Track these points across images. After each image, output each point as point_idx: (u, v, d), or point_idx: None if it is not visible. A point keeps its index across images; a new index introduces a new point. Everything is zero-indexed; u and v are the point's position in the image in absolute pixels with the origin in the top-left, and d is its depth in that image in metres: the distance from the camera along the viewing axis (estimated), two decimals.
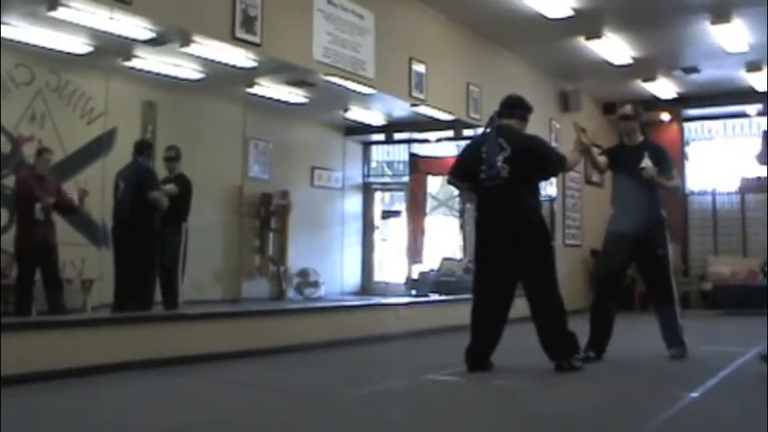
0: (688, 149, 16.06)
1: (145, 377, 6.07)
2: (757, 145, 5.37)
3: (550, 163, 6.62)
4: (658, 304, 7.27)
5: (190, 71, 9.53)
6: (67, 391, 5.44)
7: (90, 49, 8.55)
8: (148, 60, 9.24)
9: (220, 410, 4.91)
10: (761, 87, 13.83)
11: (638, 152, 7.10)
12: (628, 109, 7.36)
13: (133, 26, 7.46)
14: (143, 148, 8.64)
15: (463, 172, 6.66)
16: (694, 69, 13.33)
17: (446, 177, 6.99)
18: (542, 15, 10.34)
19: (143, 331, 6.70)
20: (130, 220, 8.25)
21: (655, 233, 7.09)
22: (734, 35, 11.22)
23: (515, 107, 6.68)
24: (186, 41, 8.10)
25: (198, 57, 8.70)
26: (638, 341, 8.10)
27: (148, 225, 8.33)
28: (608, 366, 6.78)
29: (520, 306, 6.47)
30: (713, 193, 15.87)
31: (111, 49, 8.72)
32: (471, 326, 6.45)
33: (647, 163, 7.02)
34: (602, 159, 7.27)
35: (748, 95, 14.26)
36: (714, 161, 15.93)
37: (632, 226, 6.94)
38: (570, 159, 6.80)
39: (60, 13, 7.17)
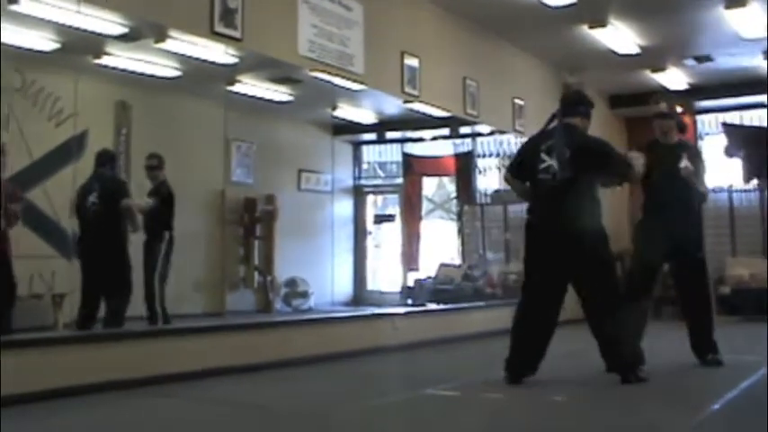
0: (702, 144, 16.05)
1: (122, 398, 6.04)
2: (721, 139, 5.44)
3: (614, 170, 6.64)
4: (695, 311, 7.27)
5: (166, 69, 9.52)
6: (43, 415, 5.41)
7: (57, 45, 8.53)
8: (121, 58, 9.22)
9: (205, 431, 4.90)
10: None
11: (677, 152, 7.10)
12: (663, 106, 7.32)
13: (103, 21, 7.44)
14: (105, 159, 8.62)
15: (520, 170, 6.70)
16: (707, 58, 13.32)
17: (503, 174, 6.98)
18: (543, 3, 10.32)
19: (120, 349, 6.67)
20: (99, 232, 8.26)
21: (694, 236, 7.11)
22: (750, 20, 11.18)
23: (578, 104, 6.72)
24: (161, 37, 8.09)
25: (174, 53, 8.69)
26: (655, 350, 8.06)
27: (119, 237, 8.36)
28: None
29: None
30: (730, 191, 15.85)
31: (80, 46, 8.70)
32: (513, 333, 6.43)
33: (686, 163, 7.02)
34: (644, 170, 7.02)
35: (766, 85, 14.25)
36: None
37: (669, 231, 6.91)
38: (637, 169, 6.74)
39: (23, 6, 7.14)
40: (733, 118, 15.69)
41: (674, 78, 14.33)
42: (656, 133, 7.38)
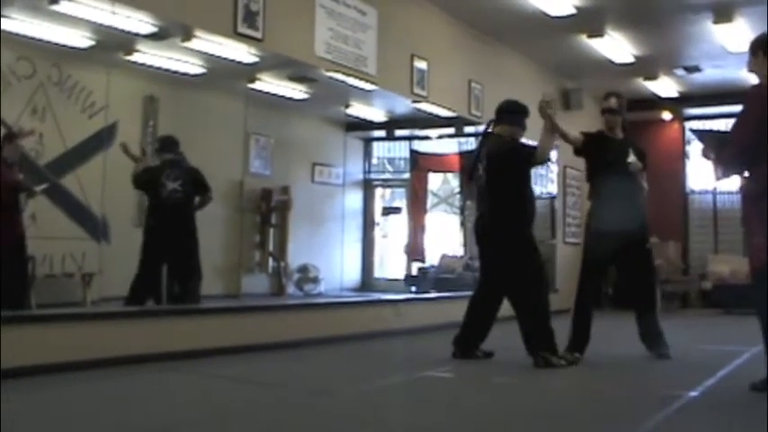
0: (689, 148, 16.04)
1: (143, 372, 6.06)
2: (697, 144, 5.52)
3: (522, 163, 6.74)
4: (640, 302, 7.18)
5: (191, 66, 9.53)
6: (64, 385, 5.43)
7: (92, 42, 8.55)
8: (150, 55, 9.23)
9: (217, 406, 4.90)
10: None
11: (625, 147, 7.05)
12: (612, 102, 7.20)
13: (135, 20, 7.46)
14: (174, 145, 8.67)
15: (470, 175, 7.07)
16: (696, 68, 13.33)
17: (467, 183, 7.32)
18: (544, 13, 10.33)
19: (141, 326, 6.69)
20: (180, 218, 8.39)
21: (641, 228, 7.05)
22: (736, 34, 11.20)
23: (505, 113, 6.90)
24: (188, 36, 8.10)
25: (199, 51, 8.70)
26: (621, 340, 8.02)
27: (193, 223, 8.57)
28: (603, 365, 6.79)
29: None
30: (714, 193, 15.85)
31: (113, 43, 8.72)
32: (465, 314, 6.91)
33: (632, 159, 6.98)
34: (576, 135, 7.08)
35: None
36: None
37: (619, 222, 6.84)
38: (542, 146, 6.73)
39: (62, 6, 7.17)
40: (719, 126, 15.70)
41: (665, 86, 14.32)
42: (604, 127, 7.30)
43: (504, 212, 6.60)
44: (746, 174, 5.01)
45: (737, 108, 5.03)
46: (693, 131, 5.78)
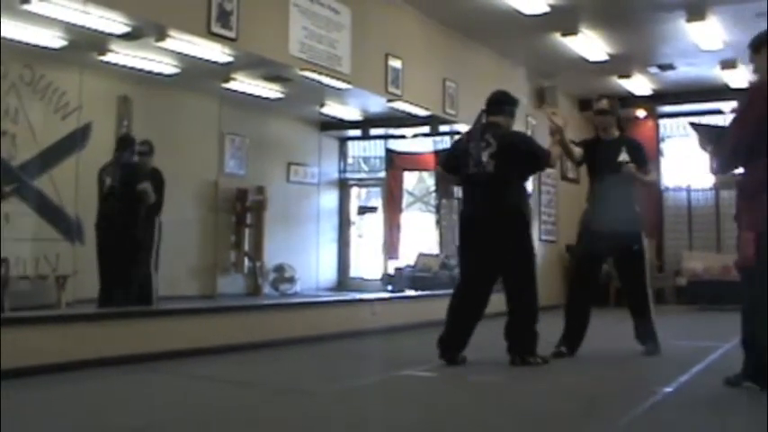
0: (663, 146, 16.14)
1: (119, 374, 6.05)
2: (693, 137, 5.55)
3: (535, 158, 6.73)
4: (632, 301, 7.28)
5: (165, 66, 9.49)
6: (41, 388, 5.41)
7: (64, 42, 8.50)
8: (123, 55, 9.19)
9: (194, 406, 4.90)
10: (735, 84, 13.94)
11: (616, 147, 7.12)
12: (604, 103, 7.35)
13: (108, 20, 7.41)
14: (127, 144, 8.64)
15: (451, 165, 6.86)
16: (670, 66, 13.40)
17: (436, 170, 7.11)
18: (519, 12, 10.35)
19: (117, 328, 6.67)
20: (116, 216, 8.25)
21: (630, 229, 7.10)
22: (709, 33, 11.29)
23: (501, 104, 6.82)
24: (161, 36, 8.05)
25: (173, 51, 8.66)
26: (613, 337, 8.14)
27: (133, 221, 8.34)
28: (583, 361, 6.83)
29: (495, 302, 6.54)
30: (688, 190, 15.97)
31: (86, 44, 8.67)
32: (447, 314, 6.59)
33: (624, 158, 7.04)
34: (578, 150, 7.24)
35: (723, 93, 14.34)
36: (689, 158, 16.02)
37: (608, 221, 6.94)
38: (553, 153, 6.87)
39: (34, 6, 7.12)
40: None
41: (640, 84, 14.40)
42: (598, 130, 7.41)
43: (513, 203, 6.53)
44: (742, 169, 5.04)
45: (710, 105, 5.11)
46: (691, 125, 5.80)
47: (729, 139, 5.00)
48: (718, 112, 15.03)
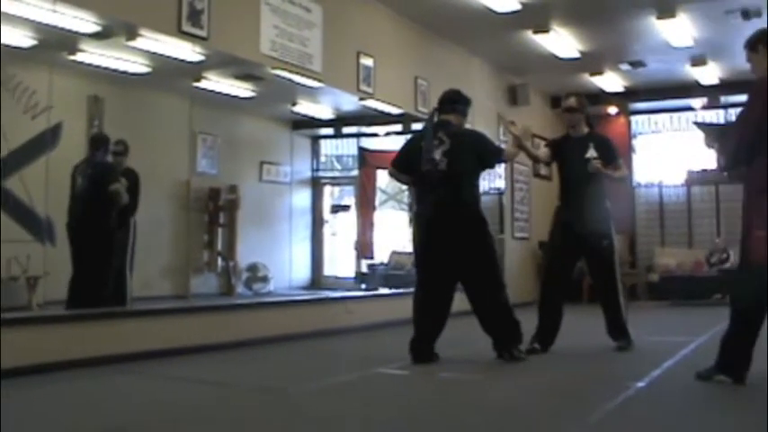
0: (635, 142, 16.25)
1: (92, 375, 6.02)
2: (698, 135, 5.56)
3: (488, 155, 6.82)
4: (603, 296, 7.32)
5: (136, 65, 9.44)
6: (13, 390, 5.36)
7: (34, 42, 8.44)
8: (94, 54, 9.13)
9: (168, 407, 4.89)
10: (706, 81, 14.05)
11: (584, 144, 7.19)
12: (572, 101, 7.41)
13: (78, 19, 7.37)
14: (100, 143, 8.60)
15: (404, 164, 6.84)
16: (641, 63, 13.48)
17: (389, 170, 7.06)
18: (490, 9, 10.38)
19: (91, 329, 6.64)
20: (87, 215, 8.20)
21: (600, 225, 7.15)
22: (679, 30, 11.37)
23: (453, 102, 6.88)
24: (132, 35, 8.01)
25: (144, 50, 8.62)
26: (586, 333, 8.18)
27: (105, 221, 8.28)
28: (555, 357, 6.86)
29: (462, 298, 6.57)
30: (660, 186, 16.08)
31: (56, 43, 8.60)
32: (414, 317, 6.62)
33: (592, 154, 7.10)
34: (544, 151, 7.36)
35: (693, 89, 14.48)
36: (661, 154, 16.14)
37: (578, 218, 7.01)
38: (508, 151, 7.09)
39: (4, 5, 7.05)
40: (664, 119, 15.95)
41: (611, 81, 14.48)
42: (567, 126, 7.48)
43: (468, 199, 6.57)
44: (748, 166, 5.04)
45: (681, 102, 5.14)
46: (696, 123, 5.86)
47: (732, 137, 5.02)
48: (689, 108, 15.19)
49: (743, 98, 5.18)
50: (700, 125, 5.79)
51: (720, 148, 5.27)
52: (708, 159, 14.69)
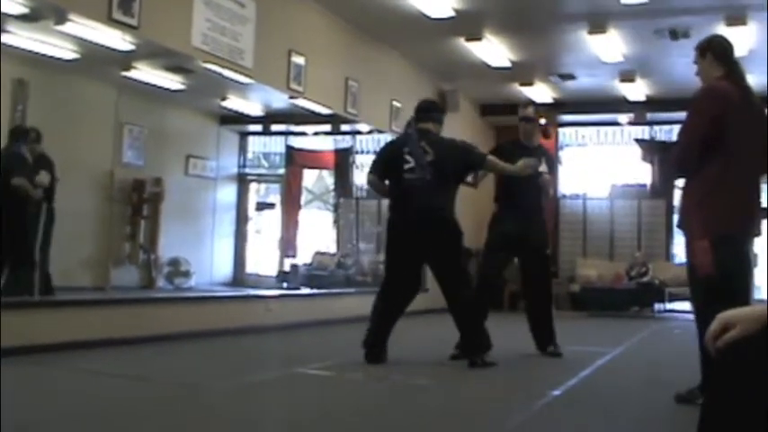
0: (562, 154, 16.42)
1: (3, 366, 5.90)
2: (635, 150, 5.59)
3: (473, 162, 6.84)
4: (539, 305, 7.40)
5: (64, 50, 9.30)
6: None
7: None
8: (21, 37, 8.97)
9: (79, 401, 4.81)
10: (633, 97, 14.27)
11: (536, 155, 7.19)
12: (530, 111, 7.49)
13: (5, 0, 7.23)
14: (19, 135, 8.46)
15: (382, 172, 6.83)
16: (570, 76, 13.64)
17: (369, 178, 6.99)
18: (424, 14, 10.42)
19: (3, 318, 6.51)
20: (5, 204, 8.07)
21: (541, 234, 7.25)
22: (609, 45, 11.53)
23: (429, 111, 6.91)
24: (61, 19, 7.90)
25: (73, 36, 8.50)
26: (507, 340, 8.21)
27: (13, 212, 8.12)
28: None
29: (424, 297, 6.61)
30: (584, 198, 16.28)
31: None
32: (373, 318, 6.68)
33: (543, 168, 7.15)
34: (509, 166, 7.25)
35: (621, 105, 14.70)
36: (586, 167, 16.35)
37: (520, 226, 7.06)
38: (490, 160, 6.92)
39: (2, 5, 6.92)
40: (591, 133, 16.17)
41: (541, 92, 14.61)
42: (521, 135, 7.51)
43: (446, 208, 6.62)
44: (685, 178, 5.01)
45: (608, 116, 5.15)
46: (636, 140, 5.85)
47: (678, 145, 4.96)
48: (616, 123, 15.41)
49: (669, 115, 5.23)
50: (640, 141, 5.82)
51: (662, 159, 5.27)
52: (633, 174, 15.05)
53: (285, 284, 13.16)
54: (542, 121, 13.08)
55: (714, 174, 4.66)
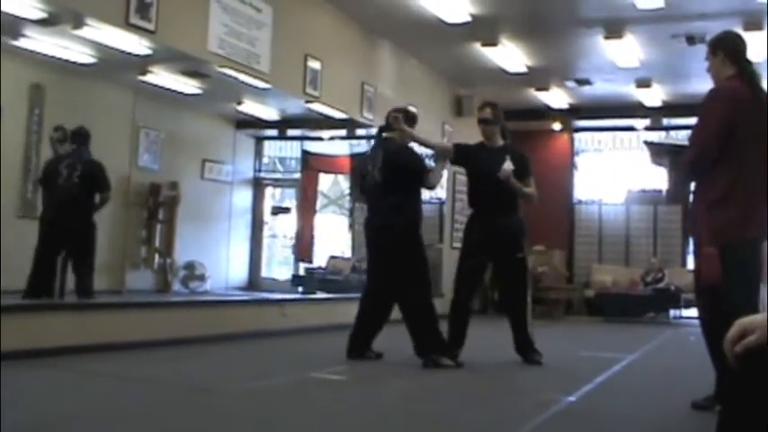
0: (577, 159, 16.39)
1: (20, 368, 5.91)
2: (645, 154, 5.49)
3: (415, 174, 6.88)
4: (512, 311, 7.26)
5: (81, 55, 9.34)
6: None
7: None
8: (38, 41, 9.01)
9: (94, 404, 4.82)
10: (649, 103, 14.22)
11: (500, 155, 7.03)
12: (487, 113, 7.23)
13: (23, 4, 7.27)
14: (86, 138, 8.48)
15: (358, 179, 7.34)
16: (587, 81, 13.60)
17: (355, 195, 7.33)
18: (441, 20, 10.42)
19: (20, 322, 6.52)
20: (74, 210, 8.17)
21: (514, 237, 7.11)
22: (626, 51, 11.50)
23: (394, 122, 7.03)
24: (79, 24, 7.94)
25: (90, 40, 8.53)
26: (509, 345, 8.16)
27: (90, 217, 8.40)
28: (486, 370, 6.87)
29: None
30: (599, 204, 16.24)
31: None
32: (356, 317, 7.03)
33: (509, 166, 6.94)
34: (443, 144, 7.31)
35: (637, 110, 14.65)
36: (602, 172, 16.30)
37: (488, 231, 6.98)
38: (434, 174, 7.04)
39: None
40: (606, 138, 16.13)
41: (556, 97, 14.58)
42: (483, 137, 7.37)
43: (397, 212, 6.76)
44: (697, 182, 4.89)
45: (624, 122, 5.07)
46: (645, 142, 5.73)
47: (691, 148, 4.83)
48: (632, 128, 15.36)
49: (685, 121, 5.16)
50: (649, 144, 5.71)
51: (674, 163, 5.14)
52: (649, 179, 14.97)
53: (300, 289, 13.16)
54: (556, 125, 13.08)
55: (724, 178, 4.59)
